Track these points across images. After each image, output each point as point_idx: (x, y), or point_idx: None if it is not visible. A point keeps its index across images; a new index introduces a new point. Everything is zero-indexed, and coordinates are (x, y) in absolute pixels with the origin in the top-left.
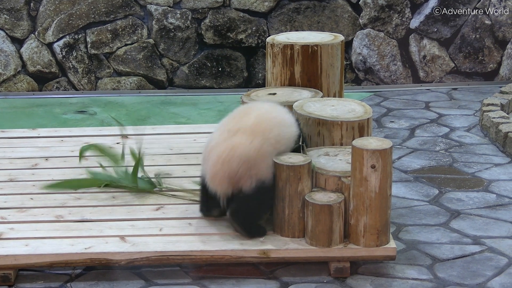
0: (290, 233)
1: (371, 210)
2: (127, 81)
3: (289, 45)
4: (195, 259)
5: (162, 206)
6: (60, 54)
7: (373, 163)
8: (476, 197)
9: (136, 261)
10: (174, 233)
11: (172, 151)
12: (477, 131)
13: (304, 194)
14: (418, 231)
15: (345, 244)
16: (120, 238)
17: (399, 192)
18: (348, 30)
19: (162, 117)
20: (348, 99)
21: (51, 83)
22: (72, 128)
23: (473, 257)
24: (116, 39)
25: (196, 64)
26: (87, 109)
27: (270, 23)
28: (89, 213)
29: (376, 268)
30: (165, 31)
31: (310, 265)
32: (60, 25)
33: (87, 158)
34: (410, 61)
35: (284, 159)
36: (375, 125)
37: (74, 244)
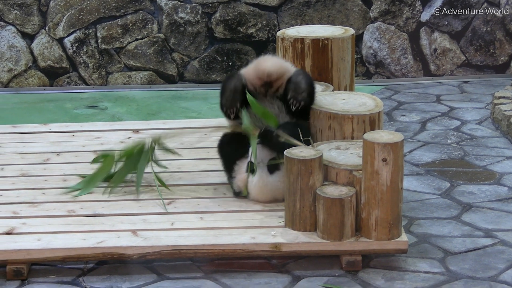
0: (301, 226)
1: (383, 204)
2: (138, 75)
3: (300, 39)
4: (207, 253)
5: (173, 200)
6: (71, 49)
7: (384, 157)
8: (487, 190)
9: (148, 255)
10: (186, 227)
11: (183, 145)
12: (489, 124)
13: (316, 187)
14: (429, 224)
15: (356, 238)
16: (132, 232)
17: (410, 185)
18: (358, 23)
19: (173, 112)
20: (359, 93)
21: (62, 78)
22: (83, 123)
23: (485, 250)
24: (126, 34)
25: (206, 59)
26: (98, 104)
27: (280, 17)
28: (101, 207)
29: (387, 261)
30: (176, 25)
31: (321, 259)
32: (71, 20)
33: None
34: (421, 54)
35: (295, 153)
36: (386, 118)
37: (86, 238)
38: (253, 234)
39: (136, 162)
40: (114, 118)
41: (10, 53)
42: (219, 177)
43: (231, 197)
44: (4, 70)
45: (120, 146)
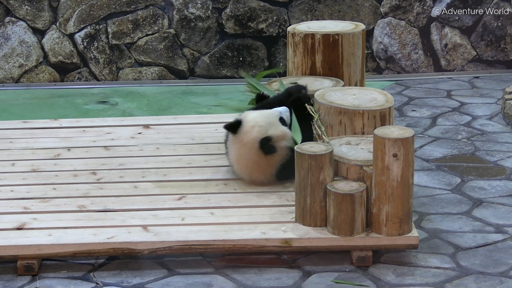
0: (312, 222)
1: (393, 199)
2: (148, 71)
3: (310, 34)
4: (218, 248)
5: (184, 195)
6: (82, 44)
7: (395, 152)
8: (498, 185)
9: (159, 250)
10: (196, 222)
11: (194, 140)
12: (499, 119)
13: (326, 183)
14: (440, 219)
15: (367, 233)
16: (142, 227)
17: (421, 181)
18: (369, 19)
19: (183, 107)
20: (369, 88)
21: (72, 73)
22: (93, 119)
23: (495, 245)
24: (137, 30)
25: (217, 54)
26: (109, 99)
27: (291, 12)
28: (112, 203)
29: (398, 257)
30: (186, 21)
31: (332, 254)
32: (81, 15)
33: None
34: (432, 49)
35: (306, 148)
36: (397, 114)
37: (96, 233)
38: (264, 229)
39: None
40: (124, 114)
41: (21, 48)
42: (229, 173)
43: (242, 192)
44: (15, 66)
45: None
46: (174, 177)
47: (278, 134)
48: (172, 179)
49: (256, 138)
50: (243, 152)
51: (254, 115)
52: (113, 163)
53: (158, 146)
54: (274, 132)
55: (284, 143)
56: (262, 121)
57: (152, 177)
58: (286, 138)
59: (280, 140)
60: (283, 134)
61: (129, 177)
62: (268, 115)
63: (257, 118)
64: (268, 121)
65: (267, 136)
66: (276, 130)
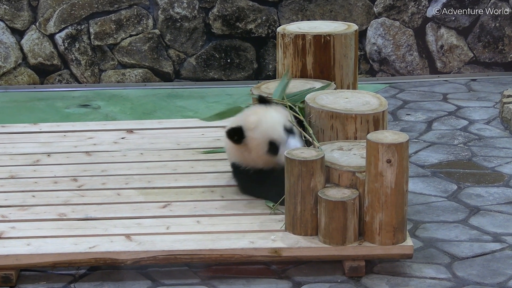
0: (302, 231)
1: (387, 207)
2: (132, 73)
3: (301, 35)
4: (204, 258)
5: (169, 203)
6: (62, 45)
7: (388, 158)
8: (496, 192)
9: (143, 260)
10: (182, 231)
11: (179, 146)
12: (497, 123)
13: (317, 190)
14: (436, 228)
15: (360, 242)
16: (125, 236)
17: (416, 187)
18: (362, 19)
19: (169, 111)
20: (362, 91)
21: (53, 75)
22: (75, 123)
23: (493, 255)
24: (120, 30)
25: (203, 56)
26: (91, 102)
27: (281, 12)
28: (93, 211)
29: (392, 267)
30: (172, 21)
31: (323, 264)
32: (62, 15)
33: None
34: (427, 51)
35: (296, 153)
36: (391, 118)
37: (77, 243)
38: (252, 238)
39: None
40: (107, 118)
41: None
42: (216, 179)
43: (229, 200)
44: None
45: (114, 147)
46: (159, 184)
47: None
48: (156, 186)
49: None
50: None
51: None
52: (95, 169)
53: (142, 151)
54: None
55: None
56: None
57: (136, 184)
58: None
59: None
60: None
61: (112, 184)
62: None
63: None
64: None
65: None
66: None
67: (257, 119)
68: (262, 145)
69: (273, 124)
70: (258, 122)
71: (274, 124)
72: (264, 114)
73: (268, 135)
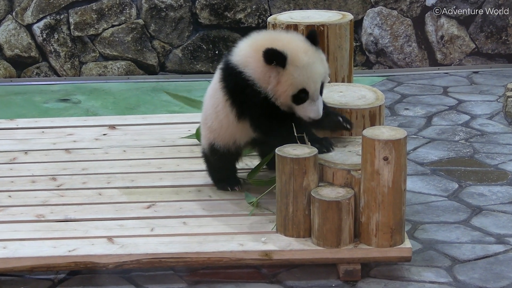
0: (294, 232)
1: (384, 207)
2: (115, 66)
3: (293, 25)
4: (190, 261)
5: (153, 203)
6: (40, 36)
7: (385, 155)
8: (499, 191)
9: (125, 264)
10: (167, 233)
11: (164, 143)
12: (501, 118)
13: (310, 189)
14: (435, 229)
15: (355, 244)
16: (107, 239)
17: (414, 186)
18: (357, 8)
19: (154, 106)
20: (358, 85)
21: (30, 68)
22: (54, 118)
23: (496, 257)
24: (102, 20)
25: (190, 47)
26: (71, 97)
27: (272, 1)
28: (73, 211)
29: (389, 270)
30: (156, 10)
31: (317, 268)
32: (40, 4)
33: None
34: (427, 42)
35: (287, 151)
36: (388, 112)
37: (56, 246)
38: (242, 240)
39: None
40: (88, 113)
41: None
42: (204, 178)
43: (217, 200)
44: None
45: (95, 143)
46: (143, 183)
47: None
48: (140, 185)
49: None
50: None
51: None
52: (75, 168)
53: (125, 148)
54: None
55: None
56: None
57: (118, 183)
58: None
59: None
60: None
61: (93, 183)
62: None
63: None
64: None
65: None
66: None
67: (306, 61)
68: (294, 86)
69: (315, 76)
70: (305, 64)
71: (316, 76)
72: (312, 59)
73: (304, 83)
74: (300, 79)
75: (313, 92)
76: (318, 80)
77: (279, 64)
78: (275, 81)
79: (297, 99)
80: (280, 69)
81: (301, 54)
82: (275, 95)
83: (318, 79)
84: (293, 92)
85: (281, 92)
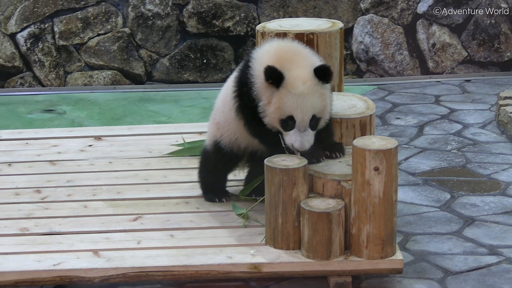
0: (284, 244)
1: (375, 218)
2: (100, 75)
3: (282, 33)
4: (178, 275)
5: (140, 216)
6: (25, 46)
7: (376, 165)
8: (492, 201)
9: (112, 278)
10: (154, 246)
11: (151, 154)
12: (493, 127)
13: (300, 200)
14: (427, 240)
15: (346, 256)
16: (93, 252)
17: (406, 197)
18: (348, 16)
19: (140, 116)
20: (348, 94)
21: (14, 78)
22: (38, 129)
23: (489, 269)
24: (87, 29)
25: (177, 56)
26: (55, 107)
27: (261, 8)
28: (58, 224)
29: (380, 282)
30: (143, 19)
31: (307, 281)
32: (24, 13)
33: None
34: (418, 50)
35: (277, 161)
36: (379, 122)
37: (41, 260)
38: (230, 253)
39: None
40: (73, 124)
41: None
42: (191, 189)
43: (205, 212)
44: None
45: (81, 155)
46: (129, 195)
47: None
48: (126, 197)
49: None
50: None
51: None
52: (60, 180)
53: (111, 160)
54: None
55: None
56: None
57: (104, 195)
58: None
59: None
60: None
61: (78, 195)
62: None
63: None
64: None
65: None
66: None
67: (300, 90)
68: (281, 111)
69: (305, 107)
70: (298, 93)
71: (307, 108)
72: (309, 91)
73: (293, 110)
74: (289, 105)
75: (299, 122)
76: (308, 112)
77: (274, 84)
78: (266, 100)
79: (284, 124)
80: (274, 89)
81: (299, 82)
82: (263, 112)
83: (308, 111)
84: (280, 116)
85: (269, 113)
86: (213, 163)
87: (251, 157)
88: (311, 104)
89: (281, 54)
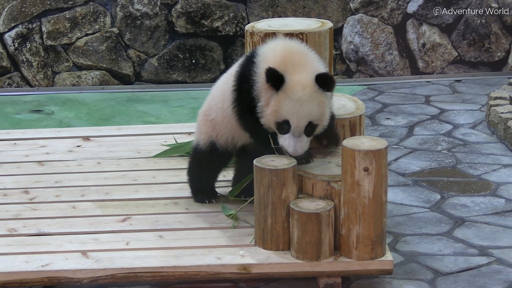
0: (273, 245)
1: (365, 219)
2: (89, 75)
3: (271, 33)
4: (167, 276)
5: (129, 216)
6: (12, 46)
7: (366, 166)
8: (482, 202)
9: (100, 279)
10: (143, 247)
11: (140, 154)
12: (484, 128)
13: (289, 201)
14: (417, 241)
15: (335, 257)
16: (81, 253)
17: (396, 197)
18: (337, 15)
19: (129, 116)
20: (337, 94)
21: (2, 79)
22: (26, 130)
23: (479, 270)
24: (75, 29)
25: (166, 56)
26: (43, 108)
27: (250, 8)
28: (47, 225)
29: (370, 283)
30: (131, 18)
31: (296, 282)
32: (12, 13)
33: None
34: (408, 50)
35: (266, 162)
36: (369, 122)
37: (29, 261)
38: (219, 254)
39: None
40: (61, 124)
41: None
42: (180, 190)
43: (194, 213)
44: None
45: (69, 155)
46: (118, 196)
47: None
48: (115, 198)
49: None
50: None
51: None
52: (49, 180)
53: (100, 160)
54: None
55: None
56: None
57: (93, 196)
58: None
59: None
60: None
61: (67, 196)
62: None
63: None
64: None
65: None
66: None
67: (298, 96)
68: (277, 114)
69: (301, 113)
70: (295, 98)
71: (303, 114)
72: (307, 97)
73: (289, 115)
74: (286, 110)
75: (294, 128)
76: (305, 119)
77: (274, 87)
78: (265, 101)
79: (280, 128)
80: (273, 92)
81: (298, 87)
82: (261, 113)
83: (304, 118)
84: (277, 119)
85: (266, 114)
86: (206, 163)
87: (240, 153)
88: (308, 110)
89: (286, 55)
